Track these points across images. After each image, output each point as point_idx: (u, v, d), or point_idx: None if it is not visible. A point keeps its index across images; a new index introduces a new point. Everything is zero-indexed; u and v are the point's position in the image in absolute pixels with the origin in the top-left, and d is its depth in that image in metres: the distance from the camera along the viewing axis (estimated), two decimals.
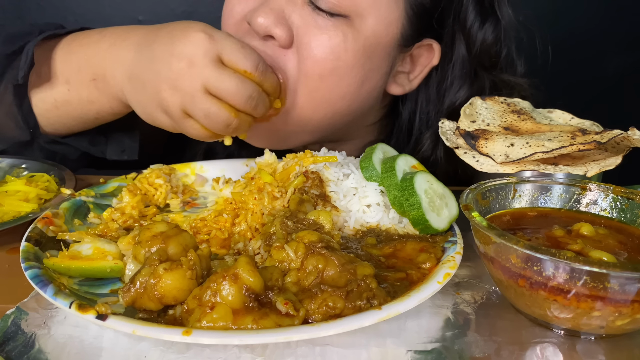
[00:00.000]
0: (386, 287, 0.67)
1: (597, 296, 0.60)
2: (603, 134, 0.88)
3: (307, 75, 0.98)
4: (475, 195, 0.77)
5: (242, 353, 0.61)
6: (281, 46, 0.98)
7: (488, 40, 1.11)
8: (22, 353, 0.60)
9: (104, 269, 0.73)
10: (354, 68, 1.00)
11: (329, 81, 0.99)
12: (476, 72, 1.14)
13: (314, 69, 0.97)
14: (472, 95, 1.11)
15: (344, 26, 0.97)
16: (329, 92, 1.01)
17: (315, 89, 0.99)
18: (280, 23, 0.96)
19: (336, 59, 0.97)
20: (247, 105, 0.88)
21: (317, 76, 0.98)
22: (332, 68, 0.98)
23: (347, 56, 0.98)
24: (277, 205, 0.86)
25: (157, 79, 0.88)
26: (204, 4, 2.11)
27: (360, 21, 0.98)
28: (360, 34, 0.98)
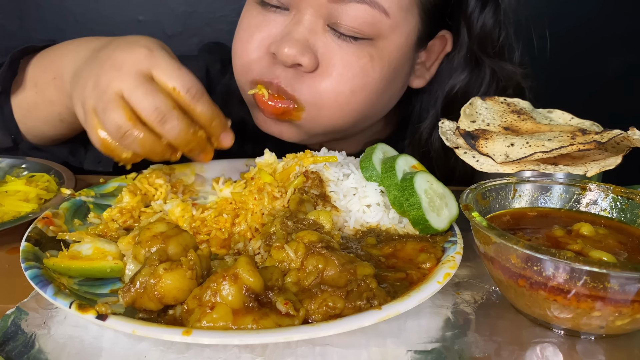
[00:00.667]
0: (386, 287, 0.67)
1: (597, 296, 0.61)
2: (603, 134, 0.88)
3: (338, 92, 1.01)
4: (475, 195, 0.77)
5: (242, 353, 0.61)
6: (306, 72, 1.01)
7: (488, 24, 1.13)
8: (22, 353, 0.61)
9: (104, 269, 0.73)
10: (382, 81, 1.05)
11: (360, 96, 1.03)
12: (477, 58, 1.16)
13: (345, 87, 1.01)
14: (472, 80, 1.15)
15: (369, 48, 1.01)
16: (360, 104, 1.05)
17: (346, 103, 1.03)
18: (306, 52, 0.98)
19: (365, 76, 1.02)
20: (151, 115, 0.81)
21: (349, 92, 1.02)
22: (363, 84, 1.02)
23: (374, 73, 1.03)
24: (277, 205, 0.86)
25: (88, 75, 0.89)
26: (204, 4, 2.10)
27: (384, 41, 1.02)
28: (384, 52, 1.03)
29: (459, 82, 1.17)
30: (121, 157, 0.85)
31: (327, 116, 1.05)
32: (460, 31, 1.14)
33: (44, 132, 1.13)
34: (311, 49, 0.99)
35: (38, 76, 1.09)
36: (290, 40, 0.98)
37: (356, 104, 1.04)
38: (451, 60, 1.17)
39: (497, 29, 1.14)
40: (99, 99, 0.83)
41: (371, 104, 1.07)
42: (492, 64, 1.16)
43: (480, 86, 1.18)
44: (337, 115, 1.05)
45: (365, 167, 0.89)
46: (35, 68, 1.10)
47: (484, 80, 1.17)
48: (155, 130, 0.82)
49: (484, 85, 1.18)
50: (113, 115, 0.81)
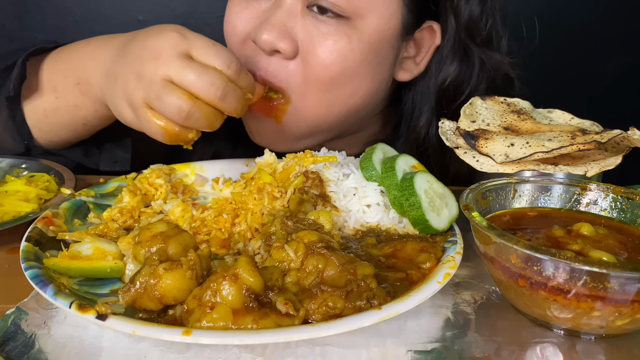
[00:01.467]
0: (386, 287, 0.67)
1: (597, 296, 0.61)
2: (603, 134, 0.88)
3: (318, 78, 1.00)
4: (475, 195, 0.77)
5: (242, 353, 0.61)
6: (286, 58, 1.00)
7: (475, 12, 1.11)
8: (22, 353, 0.61)
9: (104, 269, 0.73)
10: (362, 66, 1.02)
11: (340, 81, 1.01)
12: (465, 48, 1.15)
13: (324, 73, 0.99)
14: (462, 71, 1.14)
15: (346, 28, 0.99)
16: (342, 91, 1.03)
17: (327, 90, 1.02)
18: (283, 37, 0.98)
19: (344, 60, 0.99)
20: (209, 92, 0.82)
21: (328, 79, 1.00)
22: (342, 69, 1.00)
23: (354, 56, 1.00)
24: (277, 205, 0.86)
25: (127, 71, 0.88)
26: (204, 4, 2.10)
27: (361, 21, 0.99)
28: (363, 33, 1.00)
29: (449, 74, 1.15)
30: (187, 138, 0.87)
31: (311, 105, 1.04)
32: (448, 20, 1.12)
33: (61, 136, 1.11)
34: (289, 33, 0.98)
35: (57, 81, 1.07)
36: (267, 26, 0.97)
37: (338, 90, 1.03)
38: (440, 52, 1.16)
39: (484, 17, 1.13)
40: (149, 90, 0.83)
41: (355, 91, 1.05)
42: (480, 53, 1.15)
43: (470, 77, 1.16)
44: (321, 104, 1.04)
45: (365, 167, 0.89)
46: (51, 72, 1.08)
47: (474, 70, 1.16)
48: (216, 105, 0.83)
49: (474, 76, 1.16)
50: (171, 99, 0.81)
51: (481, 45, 1.15)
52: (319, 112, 1.05)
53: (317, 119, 1.07)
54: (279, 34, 0.97)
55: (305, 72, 1.00)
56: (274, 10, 0.99)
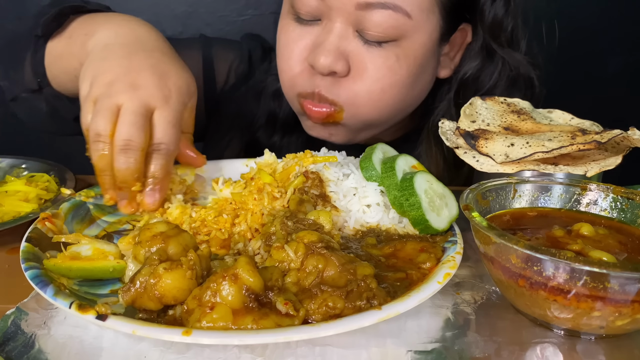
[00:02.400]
0: (386, 287, 0.67)
1: (597, 296, 0.61)
2: (603, 134, 0.87)
3: (369, 91, 1.10)
4: (475, 195, 0.77)
5: (242, 353, 0.61)
6: (341, 77, 1.09)
7: (499, 14, 1.19)
8: (22, 353, 0.61)
9: (107, 269, 0.73)
10: (409, 77, 1.13)
11: (390, 93, 1.12)
12: (489, 48, 1.22)
13: (376, 86, 1.10)
14: (485, 67, 1.22)
15: (394, 48, 1.08)
16: (392, 100, 1.14)
17: (379, 100, 1.12)
18: (339, 59, 1.07)
19: (393, 75, 1.10)
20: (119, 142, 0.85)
21: (380, 90, 1.11)
22: (391, 83, 1.10)
23: (402, 70, 1.10)
24: (277, 206, 0.86)
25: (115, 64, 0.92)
26: (203, 4, 2.10)
27: (407, 40, 1.08)
28: (409, 51, 1.10)
29: (471, 68, 1.23)
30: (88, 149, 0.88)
31: (364, 113, 1.14)
32: (477, 22, 1.20)
33: (64, 82, 1.15)
34: (343, 55, 1.07)
35: (75, 29, 1.12)
36: (324, 51, 1.06)
37: (388, 99, 1.13)
38: (469, 50, 1.24)
39: (507, 19, 1.20)
40: (104, 97, 0.87)
41: (402, 98, 1.15)
42: (503, 53, 1.22)
43: (492, 75, 1.24)
44: (372, 111, 1.14)
45: (365, 167, 0.89)
46: (78, 23, 1.13)
47: (496, 69, 1.23)
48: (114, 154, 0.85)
49: (495, 74, 1.23)
50: (100, 121, 0.85)
51: (505, 46, 1.22)
52: (371, 117, 1.16)
53: (370, 120, 1.17)
54: (335, 58, 1.06)
55: (356, 86, 1.10)
56: (326, 35, 1.07)
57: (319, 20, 1.09)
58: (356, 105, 1.12)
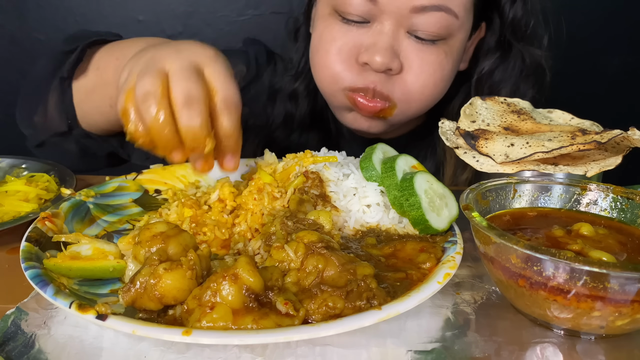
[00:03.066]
0: (386, 287, 0.67)
1: (597, 296, 0.60)
2: (603, 134, 0.87)
3: (424, 85, 1.17)
4: (475, 195, 0.77)
5: (242, 353, 0.61)
6: (394, 74, 1.15)
7: (518, 14, 1.25)
8: (22, 353, 0.61)
9: (107, 268, 0.73)
10: (452, 71, 1.22)
11: (440, 86, 1.20)
12: (508, 44, 1.28)
13: (429, 81, 1.17)
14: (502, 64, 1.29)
15: (443, 46, 1.15)
16: (438, 94, 1.22)
17: (431, 94, 1.20)
18: (394, 57, 1.12)
19: (442, 69, 1.17)
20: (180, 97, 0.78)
21: (432, 85, 1.18)
22: (442, 77, 1.18)
23: (448, 65, 1.18)
24: (277, 206, 0.86)
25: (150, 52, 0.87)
26: (203, 4, 2.10)
27: (453, 39, 1.17)
28: (454, 48, 1.18)
29: (487, 65, 1.30)
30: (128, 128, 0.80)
31: (414, 108, 1.21)
32: (493, 20, 1.27)
33: (95, 120, 1.17)
34: (396, 54, 1.13)
35: (101, 59, 1.14)
36: (380, 50, 1.11)
37: (436, 94, 1.21)
38: (484, 44, 1.31)
39: (526, 18, 1.26)
40: (146, 67, 0.81)
41: (443, 90, 1.24)
42: (522, 49, 1.28)
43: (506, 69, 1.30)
44: (422, 105, 1.21)
45: (365, 167, 0.89)
46: (101, 54, 1.15)
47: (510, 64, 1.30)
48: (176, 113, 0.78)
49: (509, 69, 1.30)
50: (147, 79, 0.78)
51: (523, 42, 1.28)
52: (418, 112, 1.23)
53: (415, 115, 1.25)
54: (391, 56, 1.11)
55: (409, 84, 1.16)
56: (379, 35, 1.12)
57: (367, 22, 1.14)
58: (409, 102, 1.18)
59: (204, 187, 1.02)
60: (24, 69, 1.29)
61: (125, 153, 1.26)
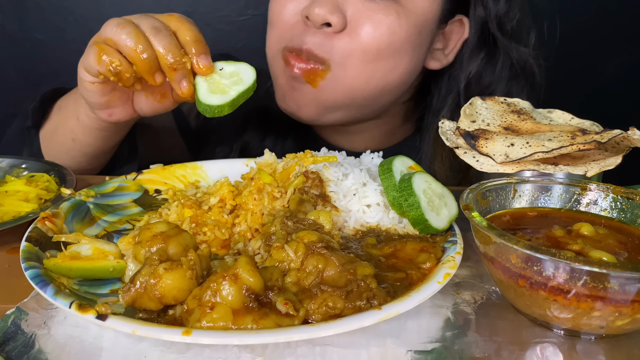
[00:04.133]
0: (386, 287, 0.67)
1: (597, 296, 0.61)
2: (603, 134, 0.87)
3: (365, 50, 1.07)
4: (475, 195, 0.77)
5: (242, 353, 0.61)
6: (335, 31, 1.07)
7: (502, 8, 1.19)
8: (22, 353, 0.61)
9: (107, 268, 0.73)
10: (406, 42, 1.11)
11: (385, 54, 1.09)
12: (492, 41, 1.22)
13: (372, 43, 1.07)
14: (488, 63, 1.22)
15: (395, 6, 1.08)
16: (384, 64, 1.11)
17: (370, 62, 1.09)
18: (335, 11, 1.05)
19: (391, 33, 1.08)
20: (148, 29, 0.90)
21: (375, 50, 1.08)
22: (389, 42, 1.08)
23: (400, 31, 1.08)
24: (277, 206, 0.86)
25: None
26: (204, 4, 2.10)
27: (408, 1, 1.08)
28: (410, 12, 1.09)
29: (475, 66, 1.23)
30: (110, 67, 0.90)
31: (351, 75, 1.10)
32: (476, 14, 1.20)
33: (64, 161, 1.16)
34: (340, 9, 1.06)
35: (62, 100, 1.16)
36: (320, 1, 1.05)
37: (381, 62, 1.10)
38: (468, 46, 1.23)
39: (512, 12, 1.20)
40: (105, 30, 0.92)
41: (395, 66, 1.13)
42: (507, 47, 1.22)
43: (494, 71, 1.23)
44: (361, 77, 1.11)
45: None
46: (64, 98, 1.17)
47: (497, 64, 1.23)
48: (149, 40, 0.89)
49: (497, 70, 1.23)
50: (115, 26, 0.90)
51: (508, 39, 1.22)
52: (357, 83, 1.12)
53: (354, 90, 1.13)
54: (331, 8, 1.05)
55: (350, 44, 1.07)
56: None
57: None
58: (346, 66, 1.09)
59: (203, 187, 1.01)
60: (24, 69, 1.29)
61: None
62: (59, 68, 2.04)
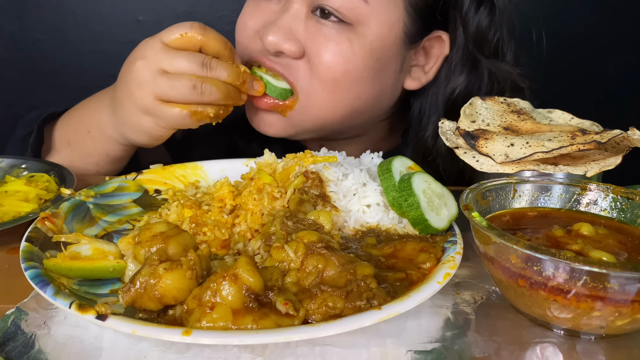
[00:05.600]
0: (386, 287, 0.67)
1: (597, 296, 0.61)
2: (603, 134, 0.88)
3: (322, 79, 1.06)
4: (475, 195, 0.77)
5: (242, 353, 0.61)
6: (293, 58, 1.06)
7: (483, 24, 1.15)
8: (22, 353, 0.61)
9: (107, 269, 0.73)
10: (364, 70, 1.07)
11: (343, 83, 1.07)
12: (474, 59, 1.17)
13: (328, 73, 1.05)
14: (471, 82, 1.17)
15: (348, 33, 1.04)
16: (345, 94, 1.08)
17: (332, 91, 1.07)
18: (288, 39, 1.04)
19: (346, 62, 1.05)
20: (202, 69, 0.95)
21: (332, 80, 1.06)
22: (344, 71, 1.05)
23: (356, 60, 1.05)
24: (277, 206, 0.86)
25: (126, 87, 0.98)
26: (203, 3, 2.10)
27: (363, 27, 1.05)
28: (365, 38, 1.05)
29: (458, 85, 1.18)
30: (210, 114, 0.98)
31: (316, 105, 1.09)
32: (457, 32, 1.15)
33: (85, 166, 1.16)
34: (294, 35, 1.05)
35: (70, 136, 1.15)
36: (274, 28, 1.04)
37: (342, 92, 1.08)
38: (449, 62, 1.18)
39: (493, 29, 1.16)
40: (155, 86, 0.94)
41: (358, 94, 1.10)
42: (489, 65, 1.18)
43: (479, 88, 1.18)
44: (326, 107, 1.09)
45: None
46: (64, 130, 1.16)
47: (483, 81, 1.18)
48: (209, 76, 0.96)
49: (483, 87, 1.19)
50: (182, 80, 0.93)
51: (489, 57, 1.17)
52: (323, 113, 1.10)
53: (322, 120, 1.12)
54: (284, 36, 1.04)
55: (311, 72, 1.06)
56: (281, 13, 1.06)
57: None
58: (311, 95, 1.08)
59: (203, 187, 1.01)
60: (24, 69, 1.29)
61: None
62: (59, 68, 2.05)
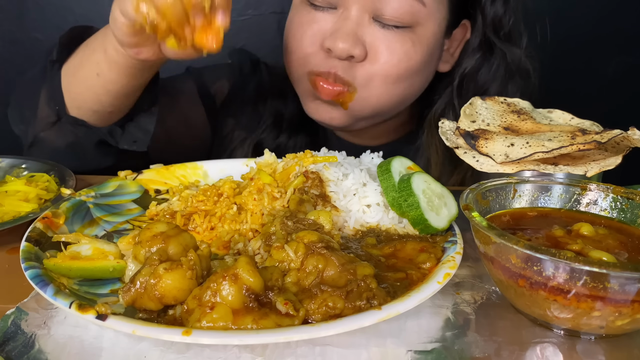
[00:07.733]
0: (386, 287, 0.67)
1: (597, 296, 0.61)
2: (603, 134, 0.87)
3: (386, 75, 1.16)
4: (475, 195, 0.77)
5: (242, 353, 0.61)
6: (358, 61, 1.15)
7: (499, 12, 1.27)
8: (22, 353, 0.61)
9: (107, 269, 0.73)
10: (422, 64, 1.20)
11: (404, 77, 1.19)
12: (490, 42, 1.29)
13: (392, 70, 1.16)
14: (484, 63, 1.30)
15: (409, 34, 1.15)
16: (403, 85, 1.20)
17: (391, 84, 1.18)
18: (356, 44, 1.13)
19: (409, 59, 1.17)
20: None
21: (395, 75, 1.17)
22: (407, 67, 1.17)
23: (416, 57, 1.18)
24: (277, 206, 0.86)
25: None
26: None
27: (421, 27, 1.17)
28: (423, 38, 1.17)
29: (471, 64, 1.30)
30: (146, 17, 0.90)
31: (375, 96, 1.20)
32: (477, 18, 1.27)
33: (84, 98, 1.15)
34: (360, 40, 1.13)
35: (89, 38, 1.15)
36: (342, 36, 1.12)
37: (401, 84, 1.20)
38: (468, 45, 1.31)
39: (507, 16, 1.28)
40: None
41: (412, 84, 1.23)
42: (503, 47, 1.29)
43: (490, 69, 1.30)
44: (384, 96, 1.20)
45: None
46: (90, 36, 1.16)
47: (494, 63, 1.30)
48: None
49: (493, 68, 1.30)
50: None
51: (504, 40, 1.29)
52: (381, 101, 1.22)
53: (380, 106, 1.23)
54: (353, 42, 1.12)
55: (371, 70, 1.16)
56: (344, 21, 1.14)
57: (334, 9, 1.15)
58: (370, 88, 1.17)
59: None
60: (24, 69, 1.29)
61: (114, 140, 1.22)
62: None
